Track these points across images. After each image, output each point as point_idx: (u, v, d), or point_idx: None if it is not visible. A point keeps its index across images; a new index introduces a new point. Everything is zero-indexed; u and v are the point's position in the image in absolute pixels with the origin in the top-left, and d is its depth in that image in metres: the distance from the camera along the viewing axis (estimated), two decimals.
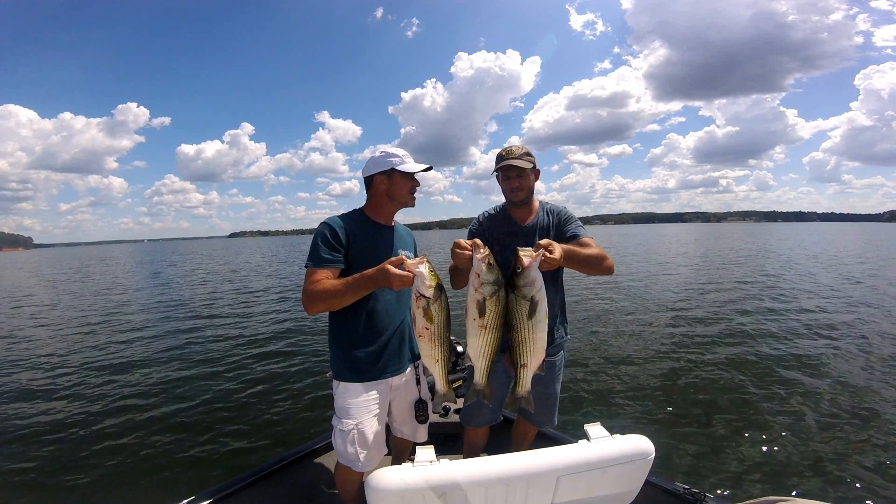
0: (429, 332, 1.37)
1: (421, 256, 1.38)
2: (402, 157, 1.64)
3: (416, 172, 1.66)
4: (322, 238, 1.57)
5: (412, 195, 1.70)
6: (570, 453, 1.12)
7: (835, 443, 3.33)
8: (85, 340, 7.52)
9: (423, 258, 1.37)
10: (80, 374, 5.55)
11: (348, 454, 1.60)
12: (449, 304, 1.41)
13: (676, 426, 3.66)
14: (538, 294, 1.32)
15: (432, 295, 1.33)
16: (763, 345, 5.88)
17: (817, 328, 6.69)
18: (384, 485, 1.02)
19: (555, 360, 1.85)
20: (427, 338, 1.38)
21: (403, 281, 1.35)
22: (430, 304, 1.34)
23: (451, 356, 1.48)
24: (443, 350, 1.41)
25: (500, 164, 1.74)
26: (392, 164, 1.63)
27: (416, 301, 1.35)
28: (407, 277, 1.35)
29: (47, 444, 3.67)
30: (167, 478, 3.12)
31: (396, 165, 1.63)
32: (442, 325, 1.38)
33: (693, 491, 1.69)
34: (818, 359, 5.24)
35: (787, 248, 25.62)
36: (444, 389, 1.48)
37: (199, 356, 6.21)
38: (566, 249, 1.46)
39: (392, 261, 1.39)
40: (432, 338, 1.38)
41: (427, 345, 1.39)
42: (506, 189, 1.78)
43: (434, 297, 1.34)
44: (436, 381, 1.49)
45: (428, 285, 1.33)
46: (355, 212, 1.72)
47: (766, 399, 4.13)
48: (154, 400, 4.57)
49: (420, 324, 1.37)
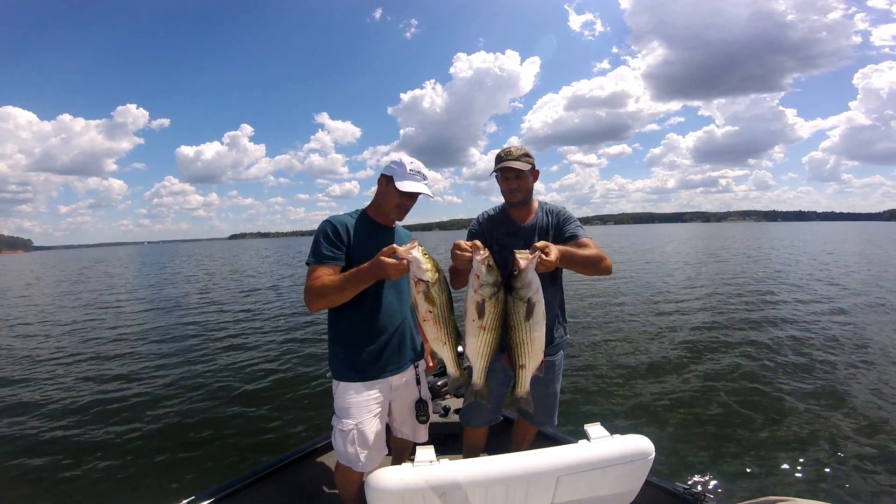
0: (432, 314, 1.36)
1: (412, 242, 1.37)
2: (407, 172, 1.62)
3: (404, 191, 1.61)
4: (324, 235, 1.58)
5: (399, 209, 1.67)
6: (570, 453, 1.12)
7: (835, 442, 3.32)
8: (84, 341, 7.52)
9: (413, 243, 1.36)
10: (79, 375, 5.55)
11: (348, 454, 1.59)
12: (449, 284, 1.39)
13: (676, 426, 3.66)
14: (535, 296, 1.32)
15: (430, 278, 1.32)
16: (763, 345, 5.87)
17: (817, 328, 6.69)
18: (384, 485, 1.02)
19: (554, 360, 1.85)
20: (432, 321, 1.37)
21: (399, 269, 1.35)
22: (430, 286, 1.33)
23: (458, 338, 1.45)
24: (449, 331, 1.40)
25: (498, 166, 1.74)
26: (392, 174, 1.63)
27: (416, 286, 1.34)
28: (401, 265, 1.34)
29: (47, 445, 3.67)
30: (167, 478, 3.12)
31: (395, 177, 1.62)
32: (445, 305, 1.37)
33: (693, 491, 1.69)
34: (818, 359, 5.23)
35: (786, 249, 25.61)
36: (455, 372, 1.46)
37: (199, 356, 6.21)
38: (563, 251, 1.46)
39: (384, 251, 1.38)
40: (437, 320, 1.37)
41: (433, 328, 1.38)
42: (504, 190, 1.78)
43: (433, 280, 1.33)
44: (446, 365, 1.46)
45: (424, 269, 1.32)
46: (358, 212, 1.72)
47: (766, 399, 4.13)
48: (154, 400, 4.57)
49: (423, 308, 1.36)
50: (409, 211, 1.72)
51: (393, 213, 1.68)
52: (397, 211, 1.67)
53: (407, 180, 1.62)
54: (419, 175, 1.64)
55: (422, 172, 1.65)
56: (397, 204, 1.65)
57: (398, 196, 1.63)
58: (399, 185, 1.60)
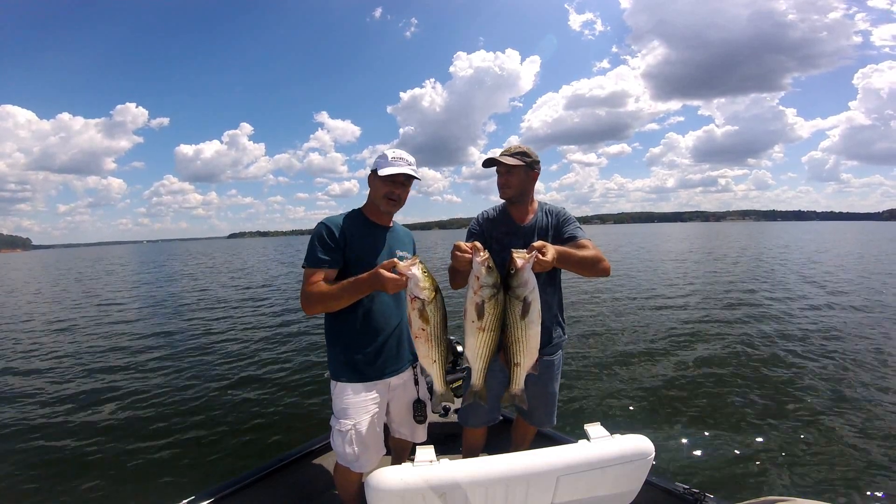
0: (425, 332, 1.37)
1: (413, 259, 1.38)
2: (389, 160, 1.62)
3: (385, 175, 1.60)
4: (319, 238, 1.57)
5: (387, 200, 1.65)
6: (570, 453, 1.12)
7: (835, 442, 3.33)
8: (82, 341, 7.51)
9: (415, 260, 1.36)
10: (78, 376, 5.54)
11: (347, 455, 1.59)
12: (445, 304, 1.40)
13: (676, 426, 3.66)
14: (531, 295, 1.33)
15: (427, 297, 1.33)
16: (763, 345, 5.88)
17: (818, 328, 6.69)
18: (384, 484, 1.02)
19: (553, 360, 1.85)
20: (423, 339, 1.39)
21: (397, 284, 1.35)
22: (426, 305, 1.34)
23: (448, 356, 1.48)
24: (440, 350, 1.41)
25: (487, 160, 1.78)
26: (376, 166, 1.64)
27: (412, 303, 1.35)
28: (400, 281, 1.35)
29: (47, 446, 3.66)
30: (167, 478, 3.11)
31: (378, 167, 1.63)
32: (438, 325, 1.38)
33: (693, 491, 1.69)
34: (819, 359, 5.23)
35: (787, 249, 25.63)
36: (442, 389, 1.48)
37: (198, 357, 6.20)
38: (560, 251, 1.47)
39: (385, 264, 1.39)
40: (429, 339, 1.38)
41: (424, 345, 1.40)
42: (498, 185, 1.80)
43: (429, 299, 1.34)
44: (434, 382, 1.49)
45: (422, 287, 1.33)
46: (354, 212, 1.71)
47: (766, 399, 4.13)
48: (153, 401, 4.56)
49: (416, 325, 1.37)
50: (403, 203, 1.70)
51: (383, 204, 1.66)
52: (386, 202, 1.66)
53: (388, 167, 1.62)
54: (402, 161, 1.63)
55: (405, 159, 1.64)
56: (385, 194, 1.64)
57: (383, 185, 1.63)
58: (381, 171, 1.61)
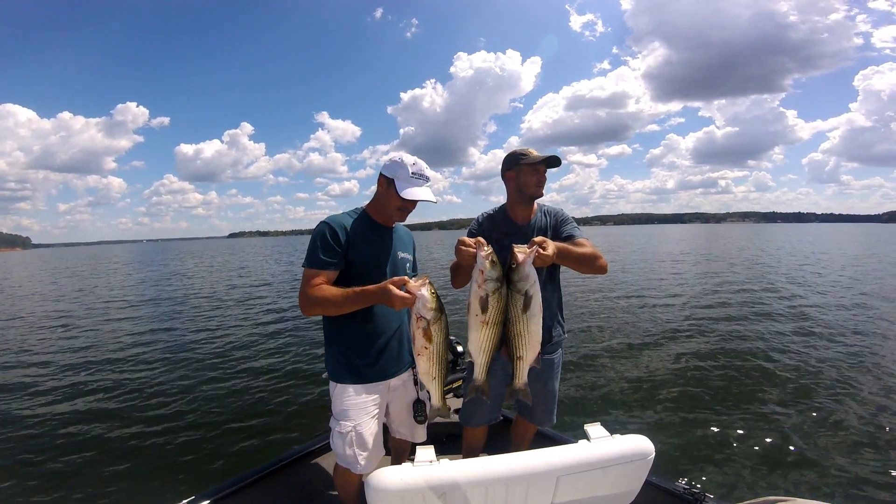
0: (427, 351, 1.40)
1: (423, 278, 1.38)
2: (409, 176, 1.56)
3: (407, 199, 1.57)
4: (321, 239, 1.53)
5: (400, 212, 1.64)
6: (570, 453, 1.11)
7: (835, 443, 3.33)
8: (81, 341, 7.50)
9: (425, 280, 1.37)
10: (78, 376, 5.54)
11: (347, 456, 1.59)
12: (448, 325, 1.43)
13: (676, 426, 3.66)
14: (532, 289, 1.35)
15: (432, 317, 1.36)
16: (763, 345, 5.88)
17: (818, 328, 6.70)
18: (384, 484, 1.02)
19: (553, 358, 1.86)
20: (426, 357, 1.41)
21: (405, 302, 1.36)
22: (430, 324, 1.36)
23: (447, 374, 1.50)
24: (440, 368, 1.44)
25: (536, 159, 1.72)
26: (394, 176, 1.58)
27: (417, 321, 1.37)
28: (409, 299, 1.36)
29: (47, 445, 3.66)
30: (166, 478, 3.11)
31: (396, 180, 1.57)
32: (441, 344, 1.40)
33: (693, 491, 1.69)
34: (819, 359, 5.24)
35: (786, 249, 25.64)
36: (438, 404, 1.52)
37: (197, 357, 6.20)
38: (559, 247, 1.49)
39: (395, 280, 1.39)
40: (431, 357, 1.41)
41: (425, 363, 1.42)
42: (532, 183, 1.75)
43: (434, 319, 1.36)
44: (431, 397, 1.52)
45: (429, 307, 1.35)
46: (357, 210, 1.69)
47: (766, 399, 4.14)
48: (152, 401, 4.56)
49: (419, 343, 1.39)
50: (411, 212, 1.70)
51: (395, 215, 1.66)
52: (399, 214, 1.65)
53: (410, 186, 1.57)
54: (422, 178, 1.60)
55: (424, 174, 1.60)
56: (399, 207, 1.62)
57: (400, 200, 1.59)
58: (402, 193, 1.56)
